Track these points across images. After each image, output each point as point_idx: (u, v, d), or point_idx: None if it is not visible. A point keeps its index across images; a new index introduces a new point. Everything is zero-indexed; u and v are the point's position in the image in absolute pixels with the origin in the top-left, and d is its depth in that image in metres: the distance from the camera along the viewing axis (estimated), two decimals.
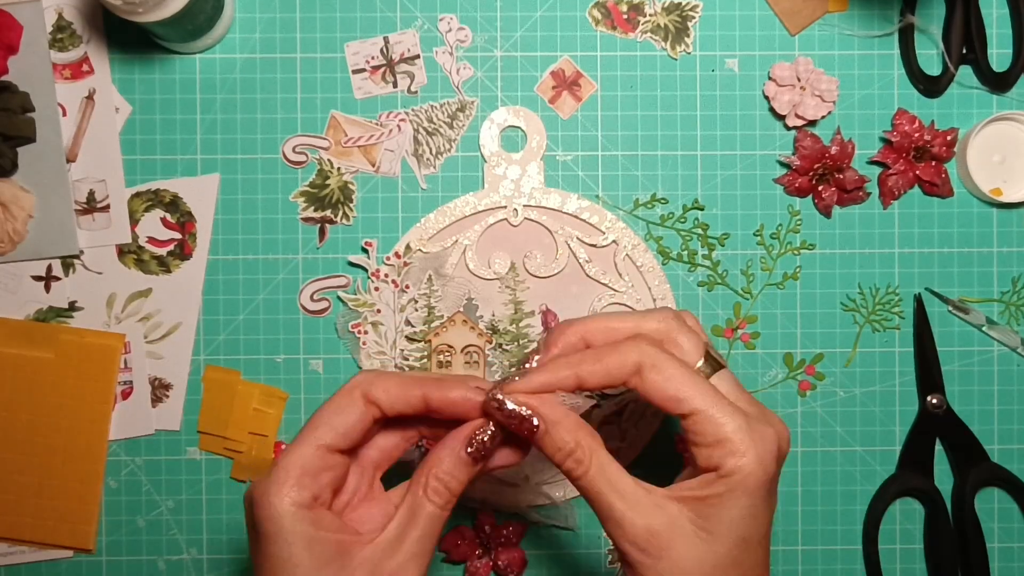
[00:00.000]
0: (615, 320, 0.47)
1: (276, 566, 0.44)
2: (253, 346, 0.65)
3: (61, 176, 0.64)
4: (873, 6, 0.65)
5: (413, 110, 0.65)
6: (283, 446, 0.65)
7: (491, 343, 0.65)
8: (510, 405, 0.45)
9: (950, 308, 0.66)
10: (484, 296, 0.65)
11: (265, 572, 0.44)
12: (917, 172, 0.65)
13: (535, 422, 0.45)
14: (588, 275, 0.65)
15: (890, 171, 0.65)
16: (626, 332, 0.47)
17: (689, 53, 0.65)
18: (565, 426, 0.45)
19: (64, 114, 0.64)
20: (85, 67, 0.64)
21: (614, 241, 0.65)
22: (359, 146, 0.65)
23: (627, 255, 0.65)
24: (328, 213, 0.65)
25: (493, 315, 0.65)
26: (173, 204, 0.65)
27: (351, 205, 0.65)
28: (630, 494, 0.44)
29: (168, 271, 0.65)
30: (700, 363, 0.46)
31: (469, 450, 0.45)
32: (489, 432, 0.45)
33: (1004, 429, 0.66)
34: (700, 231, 0.66)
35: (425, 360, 0.64)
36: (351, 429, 0.46)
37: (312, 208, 0.65)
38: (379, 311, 0.65)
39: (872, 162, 0.66)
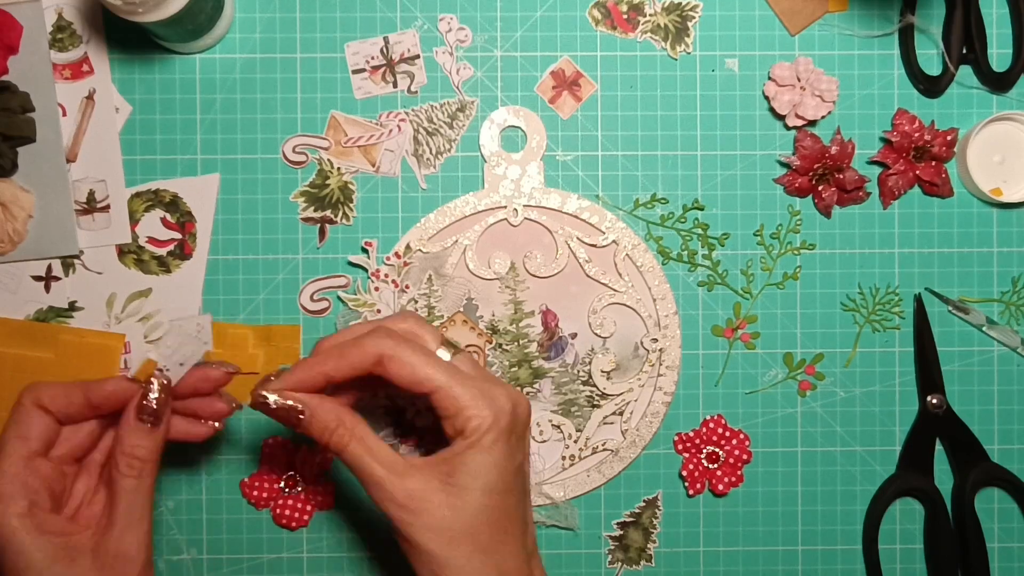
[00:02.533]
0: (361, 326, 0.54)
1: (10, 571, 0.49)
2: None
3: (61, 176, 0.64)
4: (873, 6, 0.66)
5: (413, 110, 0.65)
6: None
7: (491, 343, 0.65)
8: (274, 399, 0.52)
9: (950, 308, 0.66)
10: (484, 296, 0.65)
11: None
12: (917, 172, 0.65)
13: (299, 409, 0.51)
14: (588, 275, 0.65)
15: (890, 171, 0.65)
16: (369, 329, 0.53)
17: (689, 53, 0.65)
18: (326, 408, 0.52)
19: (64, 114, 0.64)
20: (85, 67, 0.64)
21: (614, 241, 0.65)
22: (359, 146, 0.65)
23: (627, 255, 0.65)
24: (328, 213, 0.65)
25: (493, 315, 0.65)
26: (173, 204, 0.65)
27: (351, 205, 0.65)
28: (389, 461, 0.51)
29: (168, 271, 0.65)
30: (440, 349, 0.53)
31: (142, 417, 0.51)
32: (153, 396, 0.51)
33: (1004, 429, 0.66)
34: (700, 231, 0.66)
35: None
36: (39, 436, 0.51)
37: (312, 208, 0.65)
38: (379, 311, 0.64)
39: (872, 162, 0.66)
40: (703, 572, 0.66)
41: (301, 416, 0.52)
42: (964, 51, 0.65)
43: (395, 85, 0.65)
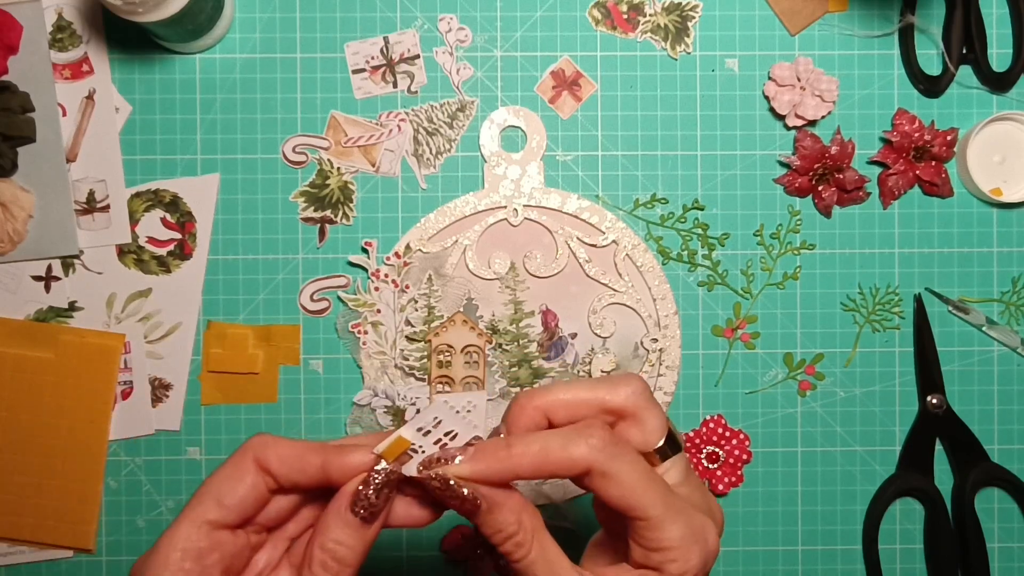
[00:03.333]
0: (581, 391, 0.44)
1: None
2: None
3: (61, 176, 0.64)
4: (873, 6, 0.65)
5: (413, 110, 0.65)
6: None
7: (491, 343, 0.65)
8: (455, 486, 0.41)
9: (950, 308, 0.66)
10: (484, 296, 0.65)
11: None
12: (917, 172, 0.65)
13: (477, 501, 0.41)
14: (588, 275, 0.65)
15: (890, 171, 0.65)
16: (591, 408, 0.43)
17: (689, 53, 0.65)
18: (508, 507, 0.42)
19: (64, 114, 0.64)
20: (85, 67, 0.64)
21: (614, 241, 0.65)
22: (359, 146, 0.65)
23: (627, 255, 0.65)
24: (328, 213, 0.65)
25: (493, 315, 0.65)
26: (173, 204, 0.65)
27: (351, 205, 0.65)
28: None
29: (168, 271, 0.65)
30: (661, 443, 0.44)
31: (357, 510, 0.40)
32: (375, 485, 0.40)
33: (1004, 429, 0.66)
34: (700, 231, 0.66)
35: (425, 360, 0.64)
36: (240, 502, 0.41)
37: (312, 208, 0.65)
38: (379, 311, 0.64)
39: (872, 162, 0.66)
40: None
41: (478, 507, 0.41)
42: (964, 51, 0.65)
43: (395, 85, 0.65)
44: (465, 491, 0.41)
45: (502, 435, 0.43)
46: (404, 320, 0.64)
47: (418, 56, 0.65)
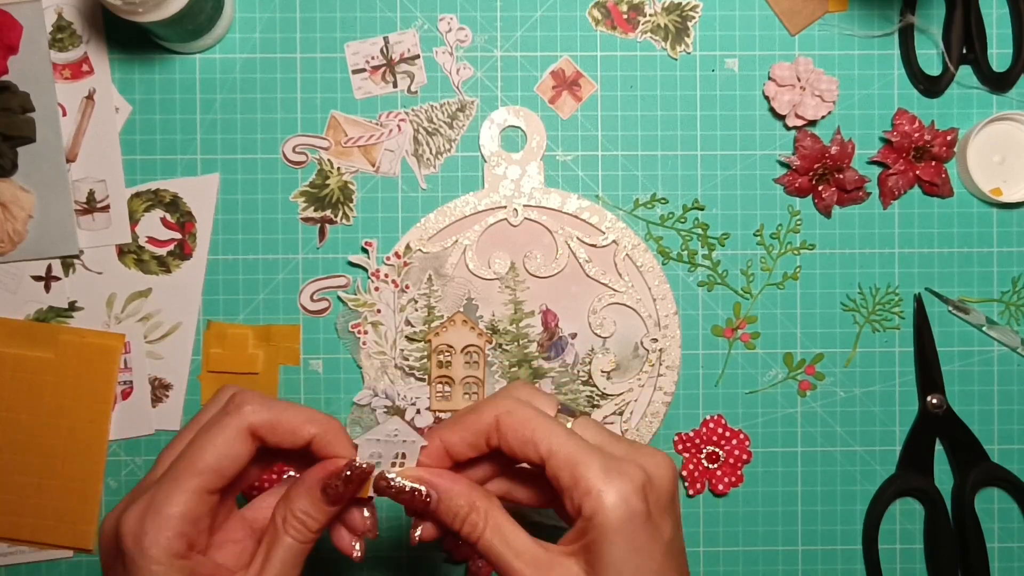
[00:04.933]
0: (479, 402, 0.48)
1: None
2: None
3: (61, 176, 0.64)
4: (873, 6, 0.65)
5: (413, 110, 0.65)
6: None
7: (491, 343, 0.65)
8: (398, 481, 0.45)
9: (950, 308, 0.66)
10: (484, 296, 0.65)
11: None
12: (917, 172, 0.65)
13: (425, 493, 0.45)
14: (588, 275, 0.65)
15: (890, 171, 0.65)
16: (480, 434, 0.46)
17: (689, 53, 0.65)
18: (457, 491, 0.45)
19: (64, 114, 0.64)
20: (85, 67, 0.64)
21: (614, 241, 0.65)
22: (359, 146, 0.65)
23: (627, 255, 0.65)
24: (328, 213, 0.65)
25: (493, 315, 0.65)
26: (173, 204, 0.65)
27: (351, 205, 0.65)
28: (529, 554, 0.44)
29: (168, 271, 0.65)
30: (554, 411, 0.46)
31: (327, 491, 0.45)
32: (343, 477, 0.45)
33: (1004, 429, 0.66)
34: (700, 231, 0.66)
35: (425, 360, 0.64)
36: (237, 471, 0.45)
37: (312, 208, 0.65)
38: (379, 311, 0.64)
39: (872, 162, 0.66)
40: (703, 572, 0.66)
41: (428, 500, 0.45)
42: (964, 51, 0.65)
43: (395, 85, 0.65)
44: (411, 486, 0.45)
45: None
46: (404, 320, 0.64)
47: (418, 56, 0.65)
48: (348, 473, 0.45)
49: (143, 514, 0.43)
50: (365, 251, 0.65)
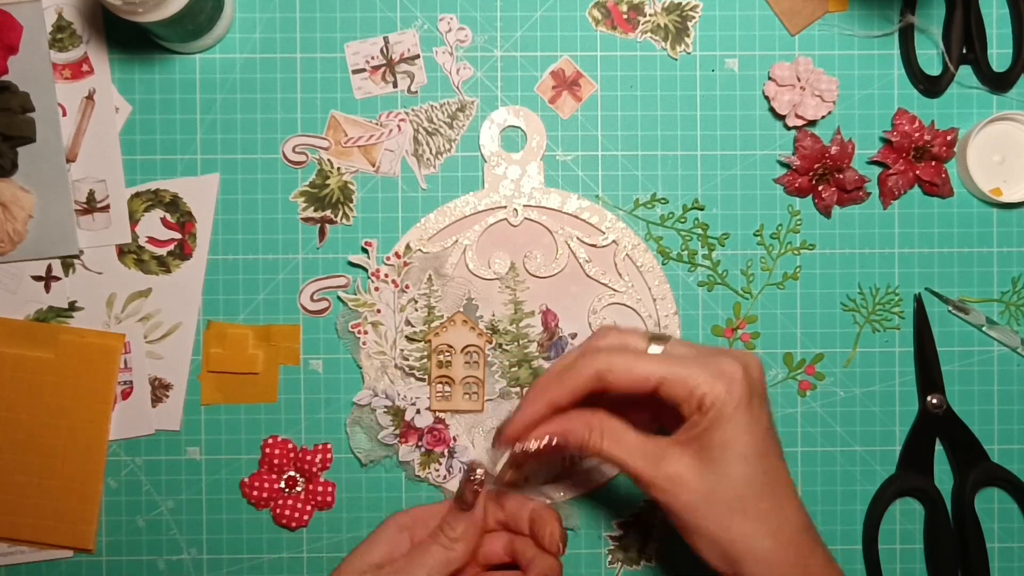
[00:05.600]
0: (569, 354, 0.55)
1: None
2: None
3: (61, 176, 0.64)
4: (873, 6, 0.66)
5: (413, 110, 0.65)
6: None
7: (491, 343, 0.64)
8: (533, 445, 0.53)
9: (950, 308, 0.66)
10: (484, 296, 0.65)
11: None
12: (917, 172, 0.65)
13: (555, 441, 0.53)
14: (588, 275, 0.65)
15: (890, 171, 0.65)
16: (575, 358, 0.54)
17: (689, 53, 0.65)
18: (573, 427, 0.53)
19: (64, 114, 0.64)
20: (85, 67, 0.64)
21: (614, 241, 0.65)
22: (359, 146, 0.65)
23: (627, 255, 0.65)
24: (328, 213, 0.65)
25: (493, 315, 0.65)
26: (173, 204, 0.65)
27: (351, 205, 0.65)
28: (643, 451, 0.51)
29: (168, 271, 0.65)
30: (651, 346, 0.53)
31: (457, 501, 0.58)
32: (463, 486, 0.57)
33: (1004, 429, 0.66)
34: (700, 231, 0.66)
35: (425, 360, 0.64)
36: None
37: (312, 208, 0.65)
38: (379, 311, 0.64)
39: (872, 162, 0.66)
40: (703, 572, 0.66)
41: (557, 445, 0.53)
42: (964, 51, 0.65)
43: (395, 85, 0.65)
44: (543, 444, 0.53)
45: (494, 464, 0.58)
46: (404, 320, 0.64)
47: (418, 56, 0.65)
48: (471, 478, 0.57)
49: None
50: (365, 251, 0.65)
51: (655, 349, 0.53)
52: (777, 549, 0.50)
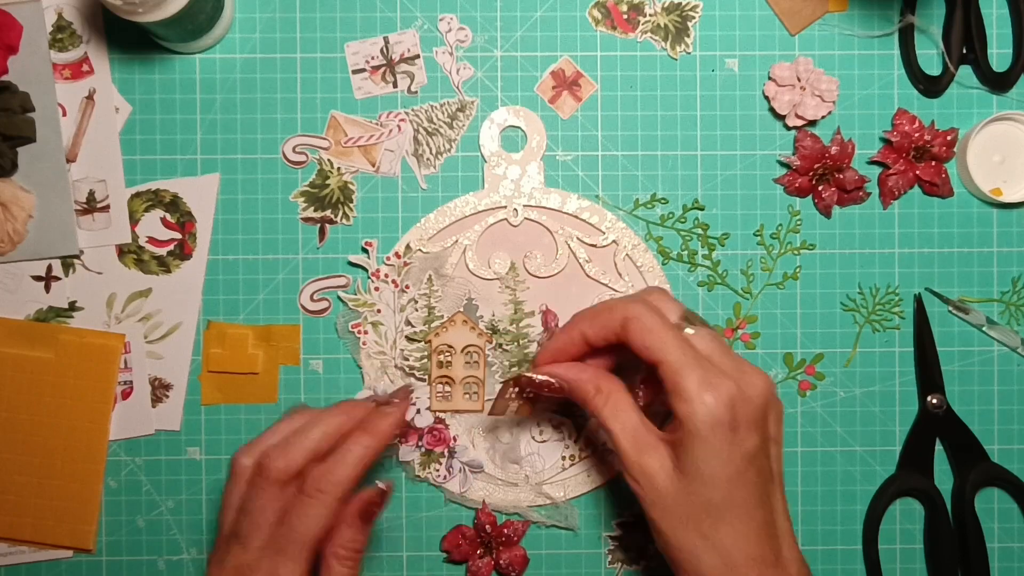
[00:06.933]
0: (615, 299, 0.56)
1: None
2: None
3: (61, 176, 0.64)
4: (873, 6, 0.66)
5: (413, 110, 0.65)
6: None
7: (491, 343, 0.65)
8: (538, 378, 0.55)
9: (950, 308, 0.66)
10: (484, 296, 0.65)
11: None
12: (917, 172, 0.65)
13: (557, 383, 0.55)
14: (588, 275, 0.65)
15: (890, 171, 0.65)
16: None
17: (689, 53, 0.65)
18: (584, 379, 0.54)
19: (64, 114, 0.64)
20: (85, 67, 0.64)
21: (614, 241, 0.65)
22: (359, 146, 0.65)
23: (627, 255, 0.65)
24: (328, 213, 0.65)
25: (493, 315, 0.65)
26: (173, 204, 0.65)
27: (351, 205, 0.65)
28: (633, 435, 0.52)
29: (168, 271, 0.65)
30: (680, 319, 0.53)
31: (368, 519, 0.55)
32: (379, 500, 0.55)
33: (1004, 429, 0.66)
34: (700, 231, 0.66)
35: (425, 360, 0.64)
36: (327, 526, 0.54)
37: (312, 208, 0.65)
38: (379, 311, 0.64)
39: (872, 162, 0.66)
40: None
41: (561, 388, 0.55)
42: (964, 51, 0.65)
43: (395, 85, 0.65)
44: (544, 379, 0.55)
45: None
46: (404, 320, 0.64)
47: (418, 56, 0.65)
48: (382, 495, 0.55)
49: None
50: (365, 251, 0.65)
51: (683, 327, 0.53)
52: (721, 574, 0.50)
